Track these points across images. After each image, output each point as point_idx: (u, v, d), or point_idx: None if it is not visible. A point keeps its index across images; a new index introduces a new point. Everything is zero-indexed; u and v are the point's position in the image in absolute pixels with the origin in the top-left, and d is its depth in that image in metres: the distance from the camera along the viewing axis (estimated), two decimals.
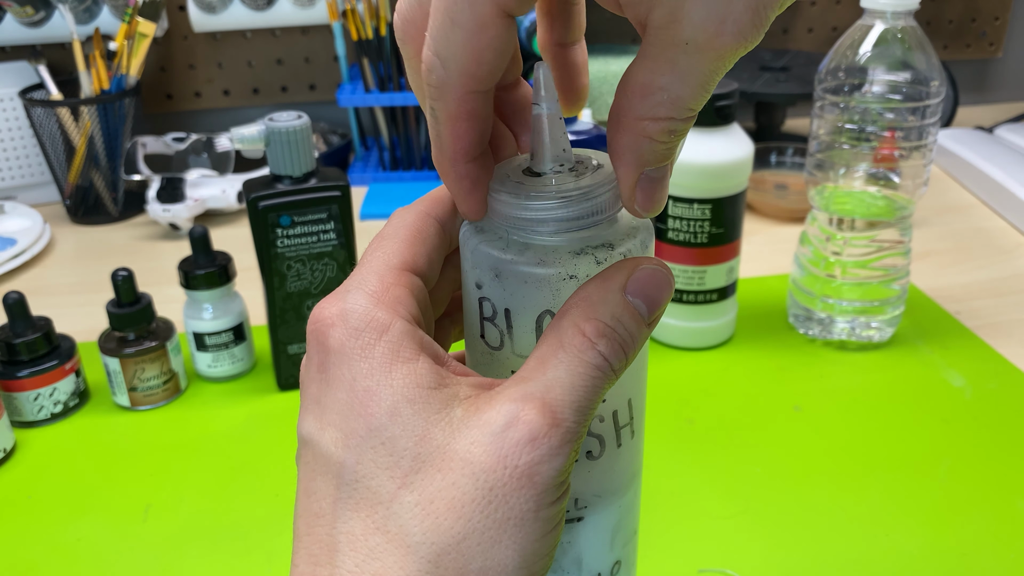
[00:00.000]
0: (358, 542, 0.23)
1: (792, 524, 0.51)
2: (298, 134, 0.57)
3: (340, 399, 0.25)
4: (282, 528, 0.51)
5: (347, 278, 0.27)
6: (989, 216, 0.91)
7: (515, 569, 0.23)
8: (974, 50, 1.22)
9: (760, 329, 0.70)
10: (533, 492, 0.23)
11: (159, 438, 0.60)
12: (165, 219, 0.89)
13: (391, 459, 0.24)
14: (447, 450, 0.23)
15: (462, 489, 0.23)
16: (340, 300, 0.26)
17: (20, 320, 0.60)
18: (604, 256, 0.26)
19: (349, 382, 0.24)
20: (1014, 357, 0.65)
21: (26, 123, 0.98)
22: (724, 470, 0.55)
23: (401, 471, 0.24)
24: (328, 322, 0.25)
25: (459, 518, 0.23)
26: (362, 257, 0.28)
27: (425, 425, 0.24)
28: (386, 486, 0.24)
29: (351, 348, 0.25)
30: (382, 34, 0.94)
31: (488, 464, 0.23)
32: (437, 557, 0.23)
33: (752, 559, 0.48)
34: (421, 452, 0.24)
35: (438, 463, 0.23)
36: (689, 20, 0.22)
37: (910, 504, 0.52)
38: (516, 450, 0.23)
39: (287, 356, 0.63)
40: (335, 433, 0.24)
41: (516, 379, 0.25)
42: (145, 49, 0.93)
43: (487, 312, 0.28)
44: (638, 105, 0.24)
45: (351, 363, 0.25)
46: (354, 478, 0.24)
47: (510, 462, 0.23)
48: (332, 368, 0.25)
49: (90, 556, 0.50)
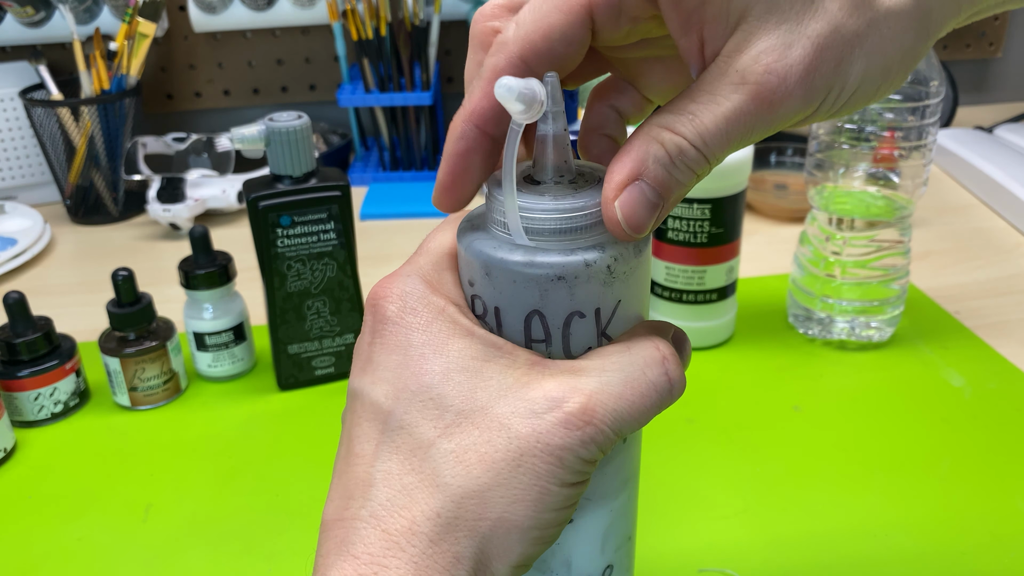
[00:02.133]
0: (393, 479, 0.26)
1: (792, 524, 0.51)
2: (298, 134, 0.57)
3: (394, 360, 0.27)
4: (282, 528, 0.51)
5: (410, 258, 0.30)
6: (989, 216, 0.91)
7: (528, 528, 0.26)
8: (974, 50, 1.22)
9: (760, 329, 0.70)
10: (558, 469, 0.26)
11: (159, 438, 0.60)
12: (165, 219, 0.89)
13: (436, 412, 0.26)
14: (488, 412, 0.26)
15: (495, 447, 0.26)
16: (400, 281, 0.28)
17: (20, 320, 0.60)
18: (593, 259, 0.26)
19: (404, 347, 0.27)
20: (1014, 357, 0.65)
21: (26, 123, 0.98)
22: (724, 470, 0.55)
23: (444, 423, 0.26)
24: (388, 298, 0.28)
25: (487, 470, 0.25)
26: (426, 239, 0.30)
27: (474, 388, 0.26)
28: (427, 434, 0.26)
29: (410, 321, 0.27)
30: (382, 34, 0.94)
31: (523, 433, 0.25)
32: (461, 499, 0.25)
33: (752, 559, 0.48)
34: (464, 409, 0.26)
35: (477, 421, 0.26)
36: (750, 50, 0.24)
37: (910, 504, 0.52)
38: (551, 430, 0.25)
39: (287, 356, 0.63)
40: (386, 387, 0.27)
41: (572, 367, 0.27)
42: (145, 49, 0.93)
43: (478, 310, 0.28)
44: (663, 116, 0.25)
45: (408, 332, 0.27)
46: (399, 425, 0.26)
47: (543, 439, 0.25)
48: (388, 335, 0.27)
49: (90, 556, 0.50)
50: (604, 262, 0.26)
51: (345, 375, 0.65)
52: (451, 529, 0.25)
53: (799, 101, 0.25)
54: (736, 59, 0.24)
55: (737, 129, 0.25)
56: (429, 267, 0.29)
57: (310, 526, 0.51)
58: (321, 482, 0.55)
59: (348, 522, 0.26)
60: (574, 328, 0.27)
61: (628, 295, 0.28)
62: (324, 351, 0.64)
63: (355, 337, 0.64)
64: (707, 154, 0.25)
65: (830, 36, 0.24)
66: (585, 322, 0.27)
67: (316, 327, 0.63)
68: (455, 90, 1.14)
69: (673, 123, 0.25)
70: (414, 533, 0.25)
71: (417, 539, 0.25)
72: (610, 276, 0.27)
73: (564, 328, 0.27)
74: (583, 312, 0.27)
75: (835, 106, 0.26)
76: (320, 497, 0.54)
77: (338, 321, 0.63)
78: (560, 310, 0.27)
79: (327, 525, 0.27)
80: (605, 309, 0.27)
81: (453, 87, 1.14)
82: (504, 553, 0.26)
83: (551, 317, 0.27)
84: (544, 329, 0.27)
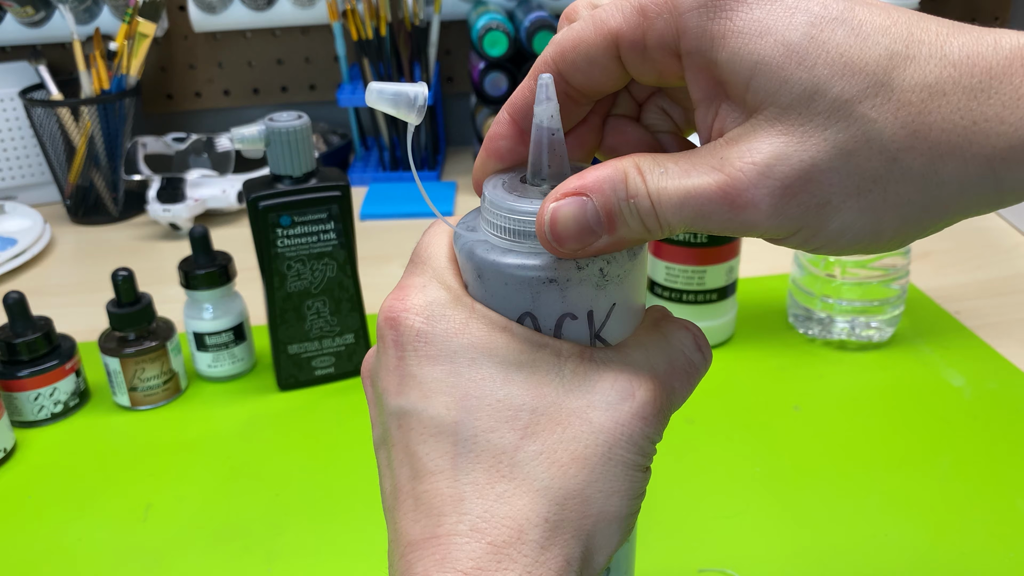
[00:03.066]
0: (484, 490, 0.25)
1: (792, 524, 0.51)
2: (298, 134, 0.57)
3: (441, 370, 0.26)
4: (282, 528, 0.51)
5: (410, 271, 0.29)
6: (989, 216, 0.91)
7: (623, 518, 0.26)
8: None
9: (760, 329, 0.70)
10: (640, 456, 0.26)
11: (159, 438, 0.60)
12: (165, 219, 0.89)
13: (509, 413, 0.26)
14: (563, 407, 0.26)
15: (584, 443, 0.26)
16: (417, 293, 0.27)
17: (20, 320, 0.60)
18: (585, 261, 0.26)
19: (449, 355, 0.26)
20: (1014, 357, 0.65)
21: (26, 123, 0.98)
22: (724, 470, 0.55)
23: (521, 423, 0.26)
24: (410, 311, 0.27)
25: (583, 468, 0.25)
26: (418, 249, 0.30)
27: (538, 384, 0.26)
28: (507, 438, 0.26)
29: (445, 328, 0.27)
30: (382, 34, 0.95)
31: (607, 427, 0.26)
32: (564, 500, 0.25)
33: (752, 559, 0.48)
34: (537, 407, 0.26)
35: (556, 418, 0.26)
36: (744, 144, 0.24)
37: (910, 504, 0.52)
38: (629, 421, 0.26)
39: (287, 356, 0.63)
40: (444, 399, 0.26)
41: (621, 356, 0.27)
42: (145, 49, 0.93)
43: None
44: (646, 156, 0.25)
45: (447, 339, 0.27)
46: (472, 434, 0.26)
47: (626, 430, 0.26)
48: (423, 347, 0.27)
49: (90, 556, 0.50)
50: (596, 265, 0.26)
51: (345, 375, 0.65)
52: (559, 532, 0.25)
53: (764, 217, 0.23)
54: (728, 146, 0.24)
55: (692, 208, 0.24)
56: (441, 272, 0.28)
57: (310, 526, 0.51)
58: (321, 482, 0.55)
59: (445, 539, 0.25)
60: (566, 330, 0.27)
61: (623, 298, 0.28)
62: (324, 351, 0.64)
63: (355, 337, 0.64)
64: (658, 214, 0.24)
65: (823, 172, 0.23)
66: (577, 324, 0.27)
67: (316, 327, 0.63)
68: (455, 90, 1.14)
69: (647, 167, 0.25)
70: (523, 542, 0.25)
71: (527, 547, 0.25)
72: (603, 279, 0.27)
73: (556, 330, 0.27)
74: (575, 314, 0.27)
75: (811, 244, 0.24)
76: (320, 497, 0.54)
77: (338, 321, 0.63)
78: (552, 312, 0.27)
79: (416, 545, 0.26)
80: (599, 312, 0.27)
81: (453, 87, 1.14)
82: (605, 546, 0.26)
83: (543, 319, 0.27)
84: (536, 331, 0.27)
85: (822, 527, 0.50)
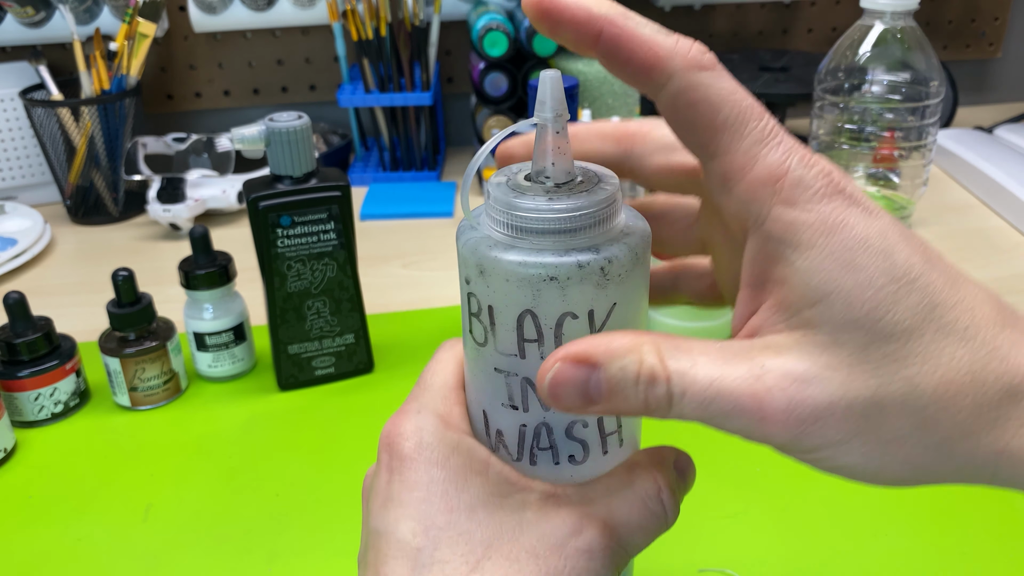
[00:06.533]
0: None
1: (792, 524, 0.51)
2: (298, 134, 0.57)
3: (416, 496, 0.28)
4: (282, 528, 0.51)
5: (412, 394, 0.31)
6: (989, 216, 0.91)
7: None
8: (973, 50, 1.22)
9: None
10: None
11: (159, 438, 0.60)
12: (165, 219, 0.89)
13: (467, 547, 0.27)
14: (517, 543, 0.28)
15: (527, 571, 0.27)
16: (413, 418, 0.30)
17: (21, 320, 0.60)
18: (587, 260, 0.26)
19: (426, 483, 0.28)
20: None
21: (26, 123, 0.98)
22: (724, 470, 0.55)
23: (475, 557, 0.27)
24: (403, 435, 0.29)
25: None
26: (424, 373, 0.32)
27: (499, 525, 0.28)
28: (459, 569, 0.27)
29: (428, 457, 0.29)
30: (382, 34, 0.95)
31: (551, 558, 0.27)
32: None
33: (752, 559, 0.48)
34: (493, 543, 0.28)
35: (507, 552, 0.27)
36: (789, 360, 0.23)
37: (910, 504, 0.52)
38: (576, 556, 0.27)
39: (287, 356, 0.63)
40: (412, 524, 0.28)
41: (582, 497, 0.29)
42: (145, 49, 0.93)
43: (474, 308, 0.28)
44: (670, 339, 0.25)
45: (428, 468, 0.28)
46: (430, 561, 0.27)
47: (569, 562, 0.27)
48: (407, 471, 0.29)
49: (90, 556, 0.50)
50: (598, 264, 0.26)
51: (345, 375, 0.65)
52: None
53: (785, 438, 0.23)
54: (768, 355, 0.23)
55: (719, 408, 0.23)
56: (439, 402, 0.30)
57: (310, 526, 0.51)
58: (321, 482, 0.55)
59: None
60: (567, 329, 0.27)
61: (624, 298, 0.28)
62: (324, 351, 0.64)
63: (355, 337, 0.64)
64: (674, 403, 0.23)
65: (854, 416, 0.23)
66: (578, 323, 0.27)
67: (316, 327, 0.63)
68: (455, 90, 1.14)
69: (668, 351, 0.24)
70: None
71: None
72: (604, 278, 0.27)
73: (556, 328, 0.27)
74: (576, 313, 0.27)
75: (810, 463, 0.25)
76: (320, 497, 0.54)
77: (338, 321, 0.63)
78: (552, 310, 0.27)
79: None
80: (599, 311, 0.27)
81: (453, 87, 1.14)
82: None
83: (543, 317, 0.27)
84: (536, 329, 0.27)
85: (822, 527, 0.50)
